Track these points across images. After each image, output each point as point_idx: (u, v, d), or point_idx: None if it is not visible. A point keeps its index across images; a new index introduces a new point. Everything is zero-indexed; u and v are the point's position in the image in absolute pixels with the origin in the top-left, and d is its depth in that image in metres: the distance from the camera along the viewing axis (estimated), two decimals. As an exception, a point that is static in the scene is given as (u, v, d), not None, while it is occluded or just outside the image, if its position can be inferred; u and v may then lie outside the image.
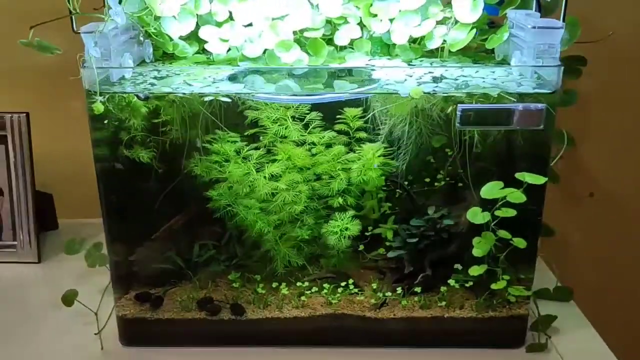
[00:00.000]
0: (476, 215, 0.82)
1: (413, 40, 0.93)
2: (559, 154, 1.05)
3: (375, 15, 0.92)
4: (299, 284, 0.86)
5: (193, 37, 0.90)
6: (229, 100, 0.78)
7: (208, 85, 0.80)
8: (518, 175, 0.80)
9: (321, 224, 0.84)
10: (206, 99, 0.78)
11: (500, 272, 0.85)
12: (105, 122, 0.78)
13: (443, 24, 0.92)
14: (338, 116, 0.81)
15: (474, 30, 0.89)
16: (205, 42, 0.87)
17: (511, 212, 0.81)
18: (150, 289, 0.87)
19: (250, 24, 0.90)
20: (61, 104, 1.16)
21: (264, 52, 0.87)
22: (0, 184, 1.09)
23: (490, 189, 0.81)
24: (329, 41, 0.91)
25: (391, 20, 0.92)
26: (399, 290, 0.86)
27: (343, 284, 0.86)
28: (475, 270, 0.85)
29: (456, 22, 0.90)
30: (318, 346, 0.87)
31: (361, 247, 0.87)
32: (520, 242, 0.83)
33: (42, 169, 1.15)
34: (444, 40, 0.91)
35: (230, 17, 0.89)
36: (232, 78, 0.83)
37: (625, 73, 1.24)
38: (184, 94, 0.78)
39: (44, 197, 1.17)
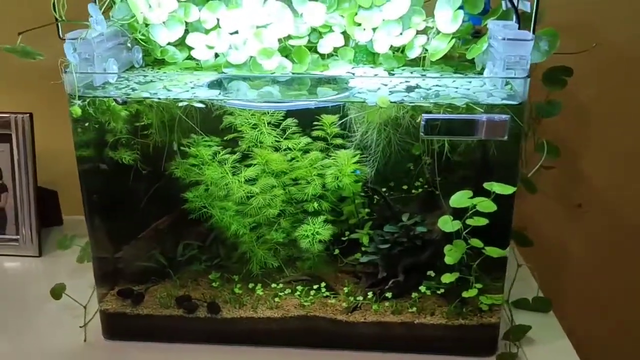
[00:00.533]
0: (446, 224, 0.83)
1: (397, 49, 0.95)
2: (542, 164, 1.06)
3: (359, 24, 0.94)
4: (273, 285, 0.88)
5: (184, 43, 0.93)
6: (202, 105, 0.80)
7: (186, 91, 0.83)
8: (486, 185, 0.80)
9: (297, 227, 0.87)
10: (181, 104, 0.80)
11: (473, 280, 0.85)
12: (87, 124, 0.81)
13: (425, 34, 0.93)
14: (315, 123, 0.83)
15: (453, 40, 0.90)
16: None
17: (482, 221, 0.82)
18: (133, 285, 0.91)
19: (236, 32, 0.93)
20: (65, 104, 1.20)
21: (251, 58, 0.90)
22: (4, 180, 1.14)
23: (459, 198, 0.82)
24: (316, 49, 0.93)
25: (374, 29, 0.94)
26: (370, 295, 0.87)
27: (315, 286, 0.88)
28: (447, 278, 0.86)
29: (438, 32, 0.91)
30: (290, 347, 0.89)
31: (336, 252, 0.88)
32: (493, 251, 0.84)
33: (49, 167, 1.20)
34: (426, 50, 0.92)
35: (219, 25, 0.92)
36: (216, 84, 0.86)
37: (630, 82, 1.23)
38: (159, 98, 0.81)
39: (49, 194, 1.22)
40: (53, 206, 1.24)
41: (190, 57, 0.95)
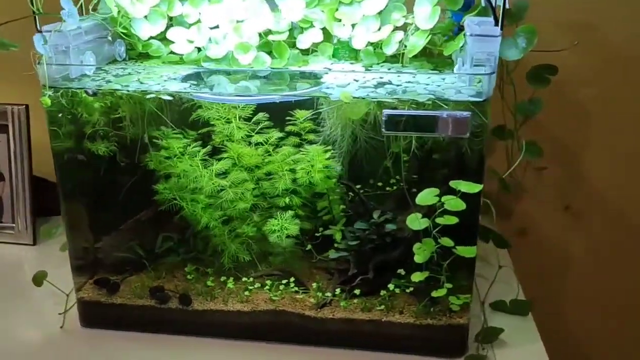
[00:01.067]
0: (414, 222, 0.83)
1: (378, 46, 0.94)
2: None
3: (340, 20, 0.93)
4: (244, 279, 0.89)
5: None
6: (170, 98, 0.81)
7: (158, 84, 0.84)
8: (452, 183, 0.79)
9: (267, 222, 0.87)
10: (148, 96, 0.81)
11: (444, 280, 0.84)
12: (60, 115, 0.83)
13: (405, 30, 0.93)
14: (287, 118, 0.83)
15: (430, 37, 0.89)
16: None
17: (452, 220, 0.81)
18: (111, 275, 0.92)
19: (217, 26, 0.93)
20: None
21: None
22: (1, 170, 1.17)
23: (426, 196, 0.81)
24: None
25: (354, 25, 0.93)
26: (338, 291, 0.87)
27: (284, 281, 0.88)
28: (417, 277, 0.85)
29: (417, 28, 0.90)
30: (259, 341, 0.89)
31: (308, 247, 0.88)
32: (464, 251, 0.82)
33: (47, 158, 1.23)
34: (405, 46, 0.92)
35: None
36: (193, 78, 0.87)
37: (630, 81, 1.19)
38: (127, 91, 0.82)
39: (48, 184, 1.25)
40: (51, 196, 1.26)
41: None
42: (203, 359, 0.87)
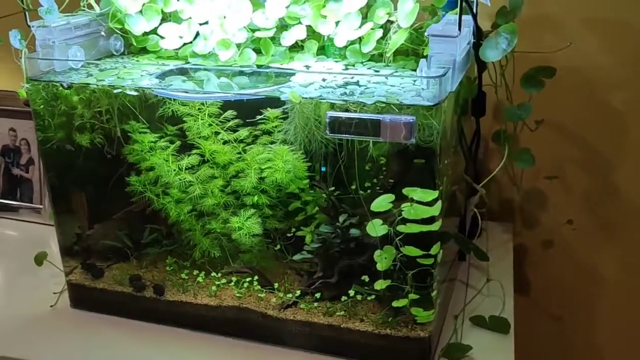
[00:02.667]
0: (372, 228, 0.80)
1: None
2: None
3: (325, 17, 0.92)
4: (213, 274, 0.90)
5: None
6: (135, 93, 0.83)
7: (132, 80, 0.86)
8: (407, 190, 0.76)
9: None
10: (115, 91, 0.84)
11: (408, 290, 0.81)
12: (42, 106, 0.88)
13: (384, 28, 0.90)
14: (257, 116, 0.83)
15: (411, 35, 0.85)
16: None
17: (413, 228, 0.78)
18: (98, 262, 0.97)
19: (206, 22, 0.95)
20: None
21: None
22: (32, 154, 1.26)
23: (380, 202, 0.78)
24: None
25: (337, 23, 0.91)
26: (298, 292, 0.86)
27: (248, 279, 0.88)
28: (379, 284, 0.83)
29: (399, 26, 0.87)
30: (223, 335, 0.90)
31: (277, 247, 0.88)
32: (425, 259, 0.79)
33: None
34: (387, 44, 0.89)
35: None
36: (174, 73, 0.89)
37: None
38: (96, 85, 0.85)
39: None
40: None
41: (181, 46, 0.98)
42: (171, 348, 0.89)
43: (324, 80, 0.83)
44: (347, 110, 0.75)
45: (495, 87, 0.92)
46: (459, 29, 0.72)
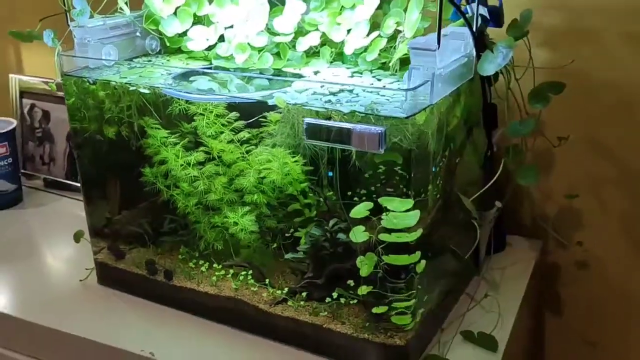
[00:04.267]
0: (353, 234, 0.82)
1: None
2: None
3: (339, 24, 0.94)
4: (215, 265, 0.95)
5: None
6: (146, 91, 0.90)
7: (149, 79, 0.93)
8: (382, 200, 0.77)
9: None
10: (131, 88, 0.91)
11: (392, 297, 0.82)
12: (72, 100, 0.97)
13: (394, 37, 0.91)
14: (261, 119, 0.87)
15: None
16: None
17: (391, 237, 0.79)
18: (121, 245, 1.05)
19: (231, 26, 1.00)
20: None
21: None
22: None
23: (359, 210, 0.80)
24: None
25: (349, 30, 0.94)
26: (286, 290, 0.89)
27: (244, 273, 0.93)
28: (362, 290, 0.84)
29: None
30: (220, 323, 0.95)
31: (274, 245, 0.91)
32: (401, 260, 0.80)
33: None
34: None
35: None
36: (192, 74, 0.95)
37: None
38: (115, 82, 0.92)
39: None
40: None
41: (209, 48, 1.04)
42: (172, 328, 0.95)
43: (322, 87, 0.85)
44: (329, 118, 0.77)
45: (507, 102, 0.91)
46: (438, 42, 0.72)
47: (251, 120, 0.84)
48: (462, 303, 0.99)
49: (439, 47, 0.72)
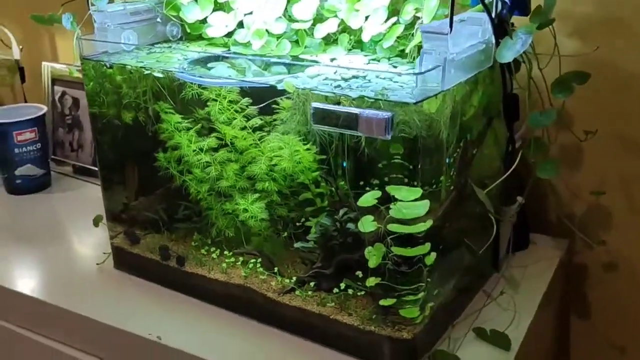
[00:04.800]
0: (362, 224, 0.80)
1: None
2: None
3: (358, 11, 0.93)
4: (225, 252, 0.95)
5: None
6: (160, 75, 0.90)
7: (165, 63, 0.93)
8: (390, 188, 0.75)
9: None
10: (145, 72, 0.91)
11: (399, 289, 0.80)
12: (91, 84, 0.97)
13: (413, 24, 0.89)
14: (273, 105, 0.86)
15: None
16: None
17: (400, 228, 0.77)
18: (137, 230, 1.05)
19: (251, 13, 0.99)
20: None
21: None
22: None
23: (366, 198, 0.78)
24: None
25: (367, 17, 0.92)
26: (294, 279, 0.88)
27: (253, 261, 0.92)
28: (370, 282, 0.82)
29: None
30: (231, 311, 0.94)
31: (285, 234, 0.90)
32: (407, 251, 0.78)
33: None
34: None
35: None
36: (210, 60, 0.94)
37: None
38: (131, 67, 0.92)
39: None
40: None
41: (228, 34, 1.04)
42: (183, 315, 0.95)
43: (335, 72, 0.84)
44: (338, 103, 0.75)
45: (529, 91, 0.87)
46: (450, 26, 0.70)
47: (262, 105, 0.83)
48: (478, 300, 0.96)
49: (451, 30, 0.69)
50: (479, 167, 0.90)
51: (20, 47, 1.50)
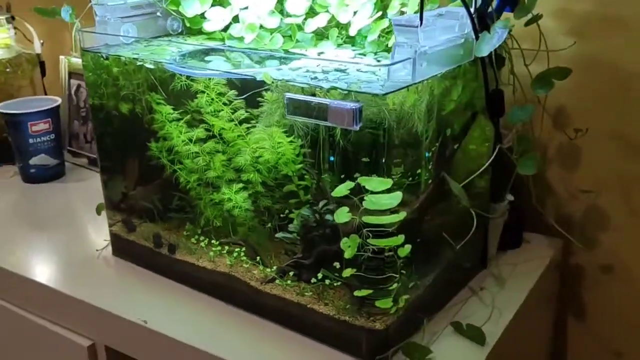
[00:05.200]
0: (338, 215, 0.81)
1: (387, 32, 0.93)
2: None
3: (347, 6, 0.94)
4: (213, 241, 0.97)
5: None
6: (152, 67, 0.93)
7: (157, 56, 0.96)
8: (361, 179, 0.76)
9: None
10: (138, 64, 0.94)
11: (372, 279, 0.81)
12: (90, 75, 1.01)
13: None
14: (259, 98, 0.87)
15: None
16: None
17: (373, 219, 0.78)
18: (134, 218, 1.08)
19: (246, 8, 1.01)
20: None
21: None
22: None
23: (340, 189, 0.79)
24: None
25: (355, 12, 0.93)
26: (274, 269, 0.89)
27: (237, 250, 0.94)
28: (346, 272, 0.83)
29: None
30: (216, 298, 0.96)
31: (269, 225, 0.92)
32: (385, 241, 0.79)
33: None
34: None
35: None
36: (204, 53, 0.97)
37: None
38: (125, 58, 0.95)
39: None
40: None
41: (225, 28, 1.06)
42: (171, 300, 0.97)
43: (318, 65, 0.85)
44: (314, 95, 0.77)
45: (514, 87, 0.87)
46: (421, 19, 0.70)
47: (245, 96, 0.85)
48: (463, 295, 0.96)
49: (421, 23, 0.70)
50: (464, 163, 0.91)
51: (42, 41, 1.55)
